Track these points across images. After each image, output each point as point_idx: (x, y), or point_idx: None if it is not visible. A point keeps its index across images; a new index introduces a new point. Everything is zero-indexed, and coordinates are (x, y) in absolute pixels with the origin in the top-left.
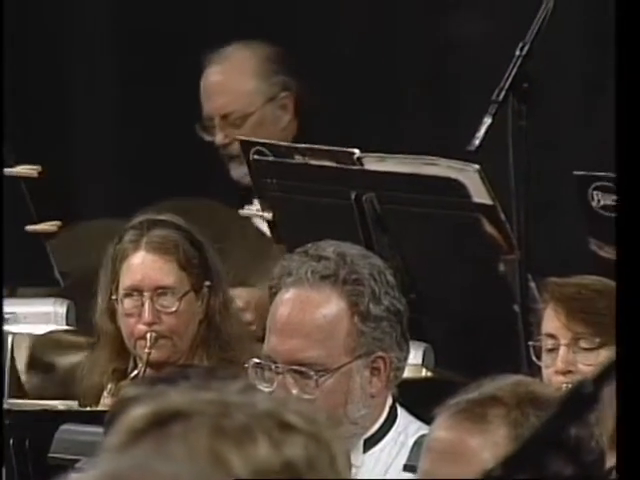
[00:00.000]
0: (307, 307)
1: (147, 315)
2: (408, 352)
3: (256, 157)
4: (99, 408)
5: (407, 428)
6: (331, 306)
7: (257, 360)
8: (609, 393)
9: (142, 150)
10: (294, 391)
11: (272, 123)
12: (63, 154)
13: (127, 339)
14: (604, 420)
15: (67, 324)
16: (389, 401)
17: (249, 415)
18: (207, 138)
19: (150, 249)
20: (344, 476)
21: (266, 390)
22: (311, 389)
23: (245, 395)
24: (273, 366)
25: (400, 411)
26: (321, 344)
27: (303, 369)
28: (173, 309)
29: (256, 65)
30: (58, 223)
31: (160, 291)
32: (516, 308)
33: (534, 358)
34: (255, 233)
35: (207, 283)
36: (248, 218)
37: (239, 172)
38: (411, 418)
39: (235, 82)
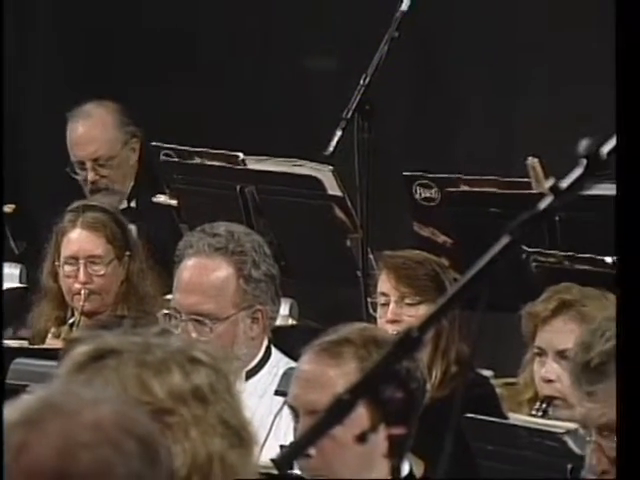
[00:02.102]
0: (204, 272)
1: (82, 277)
2: (279, 306)
3: (164, 158)
4: (44, 346)
5: (278, 363)
6: (222, 271)
7: (166, 311)
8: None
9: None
10: (193, 335)
11: (126, 162)
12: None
13: (66, 294)
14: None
15: (20, 282)
16: (265, 343)
17: (165, 352)
18: (78, 177)
19: (84, 227)
20: (237, 399)
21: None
22: (206, 333)
23: (161, 337)
24: (178, 316)
25: (273, 350)
26: (214, 300)
27: (200, 318)
28: (102, 272)
29: (113, 119)
30: (13, 206)
31: (92, 259)
32: (359, 273)
33: (371, 311)
34: None
35: (127, 253)
36: None
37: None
38: (281, 355)
39: (100, 133)
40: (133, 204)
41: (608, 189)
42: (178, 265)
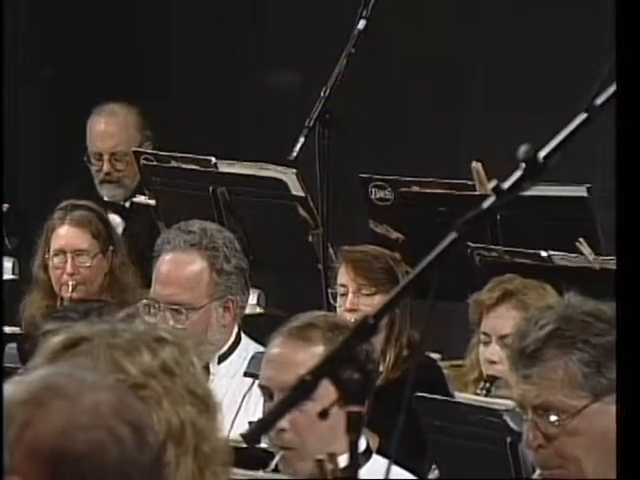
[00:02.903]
0: (180, 266)
1: (69, 269)
2: (249, 296)
3: (144, 162)
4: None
5: (248, 347)
6: (196, 265)
7: (146, 301)
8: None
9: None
10: (171, 322)
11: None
12: None
13: (55, 285)
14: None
15: (12, 274)
16: (235, 329)
17: (132, 334)
18: (93, 167)
19: (72, 224)
20: (200, 371)
21: (150, 320)
22: (182, 321)
23: (126, 322)
24: (157, 305)
25: (243, 336)
26: (189, 291)
27: (177, 307)
28: (87, 264)
29: (135, 120)
30: (6, 205)
31: (78, 252)
32: (320, 266)
33: (331, 300)
34: None
35: (111, 248)
36: None
37: (109, 192)
38: (250, 341)
39: (122, 130)
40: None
41: (543, 191)
42: (157, 259)
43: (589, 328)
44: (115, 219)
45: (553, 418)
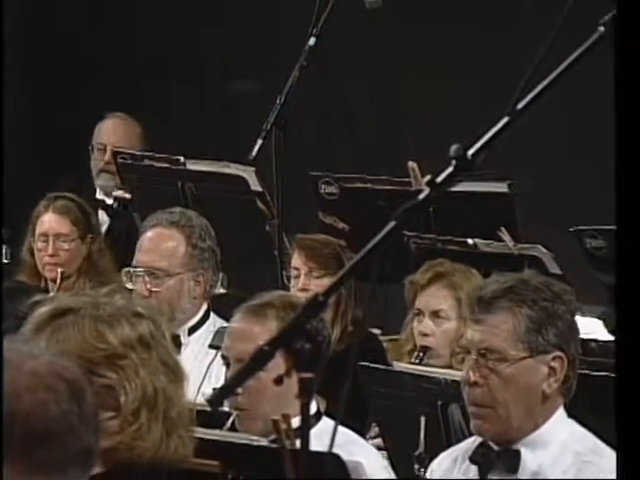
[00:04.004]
0: (160, 237)
1: (50, 250)
2: (218, 277)
3: (121, 161)
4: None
5: (215, 323)
6: (174, 238)
7: (128, 268)
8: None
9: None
10: (148, 286)
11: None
12: None
13: (39, 266)
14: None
15: (5, 259)
16: (205, 306)
17: (113, 308)
18: (94, 157)
19: (55, 211)
20: (170, 344)
21: (130, 286)
22: (159, 285)
23: (108, 296)
24: (138, 270)
25: (211, 313)
26: (167, 259)
27: (155, 272)
28: (66, 248)
29: (139, 130)
30: None
31: (59, 236)
32: (276, 252)
33: (286, 282)
34: None
35: (90, 235)
36: None
37: (105, 182)
38: (217, 317)
39: (126, 132)
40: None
41: (470, 186)
42: (143, 235)
43: (540, 293)
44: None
45: (492, 362)
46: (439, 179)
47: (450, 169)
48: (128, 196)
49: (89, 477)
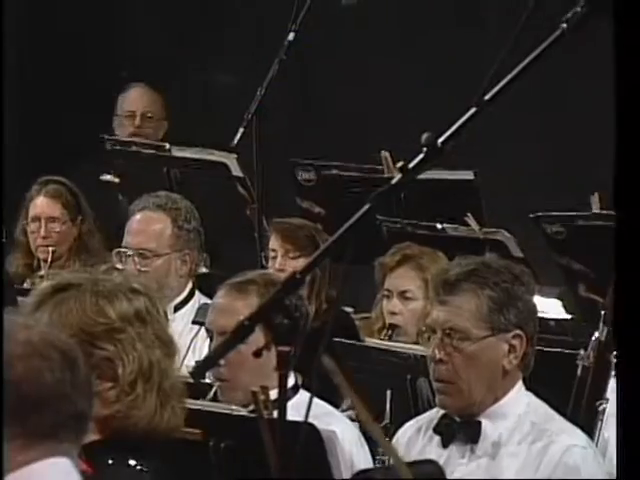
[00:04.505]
0: (148, 220)
1: (42, 233)
2: (203, 257)
3: (109, 147)
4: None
5: (200, 300)
6: (161, 220)
7: (117, 250)
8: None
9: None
10: (138, 266)
11: (160, 128)
12: None
13: (32, 247)
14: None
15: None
16: (190, 285)
17: (112, 284)
18: (126, 124)
19: (46, 195)
20: (164, 320)
21: (120, 266)
22: (148, 265)
23: (106, 274)
24: (127, 251)
25: (196, 292)
26: (154, 240)
27: (144, 252)
28: (57, 230)
29: (161, 98)
30: None
31: (50, 219)
32: (255, 235)
33: (264, 262)
34: None
35: (80, 217)
36: None
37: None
38: (201, 295)
39: (153, 98)
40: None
41: (439, 174)
42: (130, 217)
43: (501, 275)
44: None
45: (456, 341)
46: (411, 165)
47: (421, 156)
48: (116, 180)
49: (87, 444)
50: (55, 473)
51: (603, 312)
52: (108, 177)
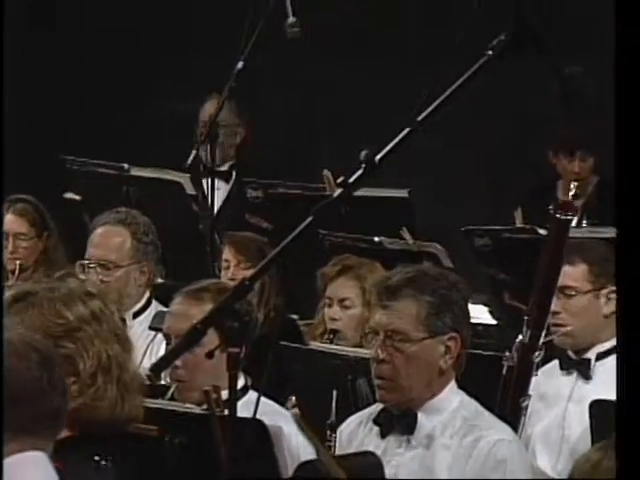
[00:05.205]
0: (110, 234)
1: (10, 247)
2: (160, 268)
3: (69, 167)
4: None
5: (156, 307)
6: (122, 234)
7: (81, 261)
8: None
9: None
10: (100, 276)
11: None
12: None
13: (5, 260)
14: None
15: None
16: (147, 294)
17: (67, 289)
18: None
19: (14, 213)
20: (119, 320)
21: (82, 276)
22: (109, 276)
23: (61, 280)
24: (90, 262)
25: (153, 299)
26: (115, 252)
27: (105, 263)
28: (24, 245)
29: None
30: None
31: (18, 235)
32: (208, 248)
33: (217, 272)
34: None
35: (46, 233)
36: None
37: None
38: (158, 304)
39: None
40: None
41: (377, 192)
42: (92, 232)
43: (438, 282)
44: None
45: (397, 342)
46: (351, 180)
47: (360, 172)
48: (77, 198)
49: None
50: (32, 466)
51: (526, 317)
52: (70, 195)
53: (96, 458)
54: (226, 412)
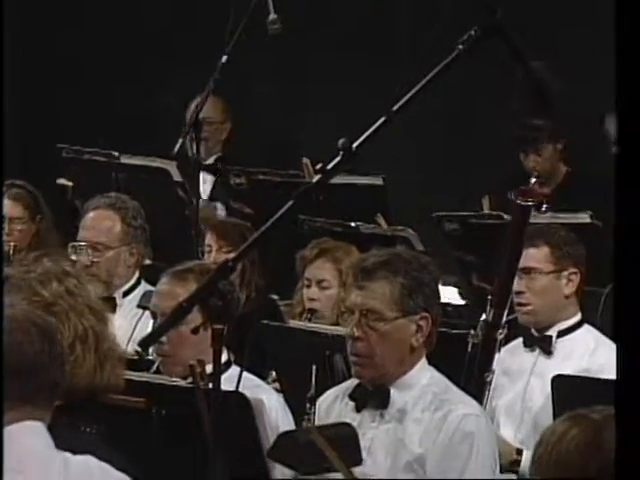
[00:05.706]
0: (100, 217)
1: (6, 231)
2: (149, 250)
3: (65, 155)
4: None
5: (145, 287)
6: (112, 217)
7: (73, 243)
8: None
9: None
10: (91, 257)
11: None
12: None
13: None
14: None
15: None
16: (137, 274)
17: (43, 268)
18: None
19: (10, 198)
20: (93, 295)
21: (74, 257)
22: (100, 257)
23: (37, 262)
24: (81, 244)
25: (142, 279)
26: (106, 234)
27: (96, 245)
28: (19, 228)
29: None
30: None
31: (14, 219)
32: (193, 232)
33: (200, 256)
34: None
35: (39, 217)
36: None
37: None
38: (147, 284)
39: (217, 103)
40: None
41: (354, 179)
42: (83, 216)
43: (410, 264)
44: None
45: (372, 321)
46: (329, 166)
47: (338, 158)
48: (70, 184)
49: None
50: (30, 434)
51: (490, 297)
52: (63, 181)
53: (82, 427)
54: (210, 385)
